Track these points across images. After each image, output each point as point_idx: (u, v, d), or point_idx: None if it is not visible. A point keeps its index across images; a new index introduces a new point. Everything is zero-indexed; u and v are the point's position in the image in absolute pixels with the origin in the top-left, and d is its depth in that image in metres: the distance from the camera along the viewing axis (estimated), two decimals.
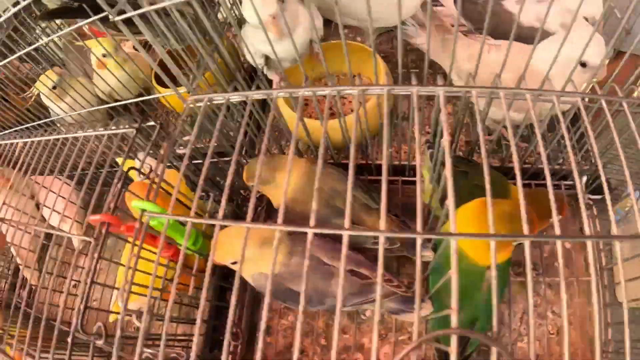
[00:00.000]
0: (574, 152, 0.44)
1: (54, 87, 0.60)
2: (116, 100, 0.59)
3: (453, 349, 0.21)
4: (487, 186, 0.27)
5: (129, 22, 0.40)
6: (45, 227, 0.43)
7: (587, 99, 0.36)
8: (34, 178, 0.53)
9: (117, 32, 0.54)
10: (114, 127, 0.45)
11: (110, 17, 0.37)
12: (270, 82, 0.68)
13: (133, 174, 0.44)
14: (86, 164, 0.49)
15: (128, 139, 0.44)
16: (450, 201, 0.26)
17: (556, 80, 0.43)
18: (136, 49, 0.75)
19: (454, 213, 0.25)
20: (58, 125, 0.63)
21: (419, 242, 0.24)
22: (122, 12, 0.38)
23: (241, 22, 0.51)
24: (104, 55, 0.57)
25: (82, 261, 0.56)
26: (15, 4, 0.47)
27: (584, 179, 0.47)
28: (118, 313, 0.31)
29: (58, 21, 0.62)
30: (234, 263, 0.40)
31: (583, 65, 0.42)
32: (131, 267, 0.32)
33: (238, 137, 0.34)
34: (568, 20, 0.50)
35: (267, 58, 0.50)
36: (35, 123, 0.62)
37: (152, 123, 0.45)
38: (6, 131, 0.62)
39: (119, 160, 0.50)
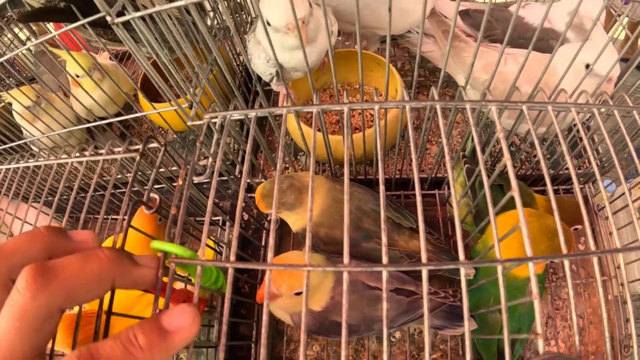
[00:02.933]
0: (573, 158, 0.43)
1: (30, 106, 0.50)
2: (96, 119, 0.50)
3: None
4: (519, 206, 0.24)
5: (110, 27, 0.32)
6: None
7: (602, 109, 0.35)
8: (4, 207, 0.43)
9: (107, 39, 0.45)
10: (109, 151, 0.37)
11: (108, 19, 0.29)
12: (268, 96, 0.61)
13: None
14: (65, 188, 0.41)
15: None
16: (494, 230, 0.24)
17: (565, 87, 0.41)
18: (118, 60, 0.65)
19: (498, 243, 0.23)
20: (32, 147, 0.52)
21: (462, 272, 0.22)
22: (121, 13, 0.30)
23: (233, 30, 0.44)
24: (77, 76, 0.47)
25: None
26: None
27: (605, 182, 0.45)
28: None
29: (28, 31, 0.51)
30: (298, 293, 0.33)
31: (587, 66, 0.41)
32: None
33: (246, 156, 0.28)
34: (575, 20, 0.49)
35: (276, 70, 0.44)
36: (7, 146, 0.51)
37: (155, 144, 0.37)
38: None
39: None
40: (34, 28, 0.56)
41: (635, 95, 0.40)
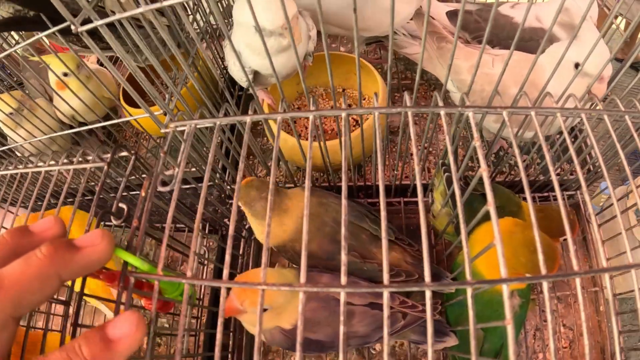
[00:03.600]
0: (556, 164, 0.41)
1: (11, 114, 0.50)
2: (80, 123, 0.49)
3: None
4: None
5: (94, 34, 0.32)
6: None
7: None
8: None
9: (81, 46, 0.44)
10: (80, 159, 0.36)
11: (72, 28, 0.28)
12: (247, 100, 0.60)
13: None
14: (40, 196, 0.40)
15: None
16: (465, 253, 0.22)
17: (553, 89, 0.39)
18: (101, 65, 0.65)
19: (469, 265, 0.21)
20: (17, 153, 0.52)
21: (428, 294, 0.20)
22: (87, 21, 0.30)
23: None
24: (65, 75, 0.47)
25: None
26: None
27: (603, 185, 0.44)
28: None
29: (16, 35, 0.51)
30: (265, 310, 0.32)
31: (576, 66, 0.39)
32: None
33: (207, 167, 0.27)
34: (566, 19, 0.47)
35: (255, 73, 0.43)
36: None
37: (124, 153, 0.36)
38: None
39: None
40: (21, 35, 0.56)
41: (630, 96, 0.38)
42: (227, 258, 0.24)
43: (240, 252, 0.47)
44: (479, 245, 0.32)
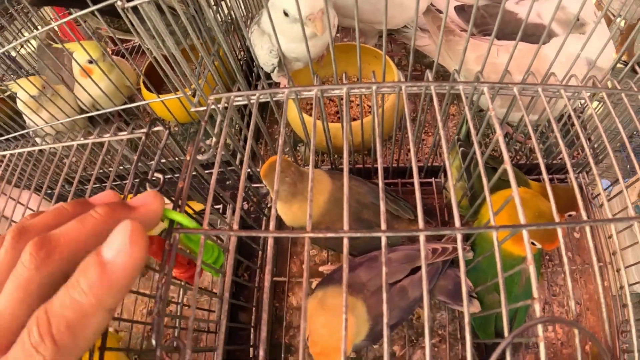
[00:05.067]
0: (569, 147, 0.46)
1: (35, 96, 0.52)
2: (99, 110, 0.52)
3: (541, 337, 0.22)
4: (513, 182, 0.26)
5: (118, 16, 0.34)
6: None
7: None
8: None
9: (114, 28, 0.47)
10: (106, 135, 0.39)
11: (119, 3, 0.31)
12: (270, 85, 0.64)
13: None
14: (67, 178, 0.43)
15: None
16: (487, 196, 0.27)
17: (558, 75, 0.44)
18: (123, 56, 0.68)
19: (492, 208, 0.25)
20: (33, 136, 0.54)
21: (459, 237, 0.24)
22: None
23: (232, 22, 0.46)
24: (90, 62, 0.50)
25: None
26: None
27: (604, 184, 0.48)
28: None
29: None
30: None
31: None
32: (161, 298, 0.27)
33: (249, 140, 0.30)
34: (563, 17, 0.52)
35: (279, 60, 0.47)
36: (10, 135, 0.53)
37: (159, 128, 0.39)
38: None
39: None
40: (37, 25, 0.59)
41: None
42: (273, 211, 0.27)
43: (263, 229, 0.49)
44: (498, 218, 0.36)
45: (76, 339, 0.14)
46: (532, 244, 0.38)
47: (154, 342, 0.27)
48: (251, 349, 0.44)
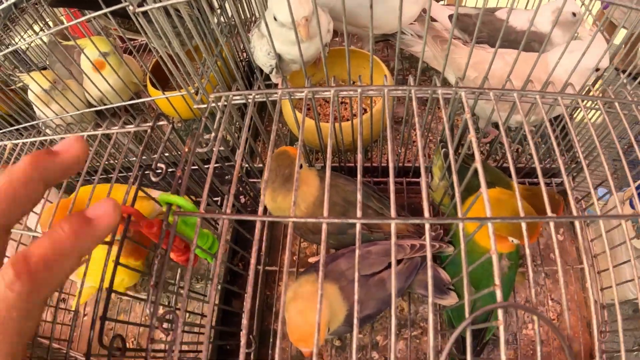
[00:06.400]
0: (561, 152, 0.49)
1: (47, 89, 0.57)
2: (107, 105, 0.56)
3: (501, 321, 0.25)
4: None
5: (128, 17, 0.39)
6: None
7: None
8: None
9: (124, 29, 0.52)
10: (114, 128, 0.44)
11: (130, 8, 0.36)
12: (268, 85, 0.69)
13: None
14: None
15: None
16: (457, 191, 0.31)
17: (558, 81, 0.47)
18: (130, 53, 0.73)
19: (460, 199, 0.29)
20: (43, 127, 0.59)
21: (427, 226, 0.28)
22: (140, 4, 0.37)
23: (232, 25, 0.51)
24: (104, 55, 0.55)
25: None
26: None
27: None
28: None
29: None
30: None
31: (597, 69, 0.47)
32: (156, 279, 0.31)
33: (245, 129, 0.35)
34: (560, 19, 0.56)
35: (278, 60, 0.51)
36: (21, 126, 0.58)
37: (164, 122, 0.44)
38: None
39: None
40: (48, 20, 0.64)
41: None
42: (262, 198, 0.31)
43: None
44: (470, 213, 0.40)
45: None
46: (513, 241, 0.42)
47: (148, 311, 0.31)
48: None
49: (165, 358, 0.35)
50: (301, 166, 0.45)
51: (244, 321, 0.28)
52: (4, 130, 0.60)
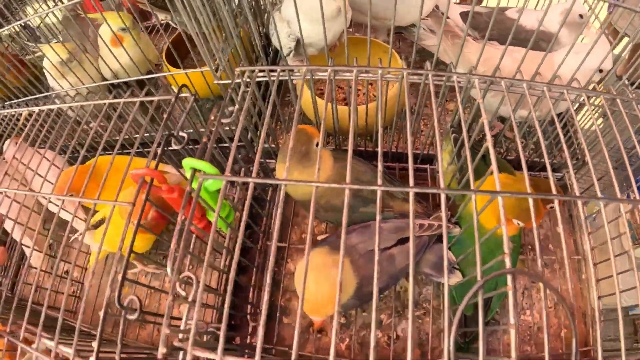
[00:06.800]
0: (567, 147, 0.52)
1: (64, 60, 0.58)
2: (122, 81, 0.58)
3: (510, 287, 0.27)
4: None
5: None
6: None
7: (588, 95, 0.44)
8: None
9: (150, 4, 0.54)
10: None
11: None
12: None
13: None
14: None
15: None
16: (469, 162, 0.33)
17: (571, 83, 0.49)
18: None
19: (472, 173, 0.32)
20: (58, 101, 0.60)
21: (443, 196, 0.31)
22: None
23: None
24: (123, 30, 0.56)
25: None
26: None
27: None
28: None
29: None
30: None
31: (601, 71, 0.50)
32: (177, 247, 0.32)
33: (270, 100, 0.36)
34: (568, 20, 0.59)
35: (296, 43, 0.53)
36: (33, 97, 0.59)
37: (187, 94, 0.45)
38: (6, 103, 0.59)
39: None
40: None
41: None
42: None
43: (268, 197, 0.55)
44: (478, 199, 0.42)
45: None
46: (518, 224, 0.44)
47: (168, 270, 0.32)
48: (249, 307, 0.49)
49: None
50: (317, 144, 0.47)
51: (265, 296, 0.29)
52: (17, 100, 0.61)
